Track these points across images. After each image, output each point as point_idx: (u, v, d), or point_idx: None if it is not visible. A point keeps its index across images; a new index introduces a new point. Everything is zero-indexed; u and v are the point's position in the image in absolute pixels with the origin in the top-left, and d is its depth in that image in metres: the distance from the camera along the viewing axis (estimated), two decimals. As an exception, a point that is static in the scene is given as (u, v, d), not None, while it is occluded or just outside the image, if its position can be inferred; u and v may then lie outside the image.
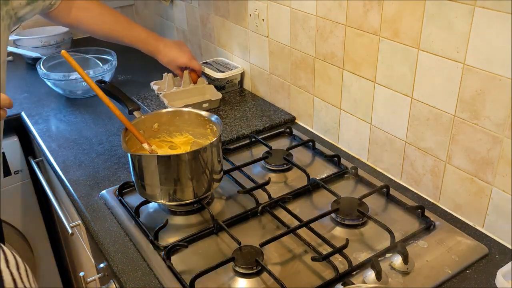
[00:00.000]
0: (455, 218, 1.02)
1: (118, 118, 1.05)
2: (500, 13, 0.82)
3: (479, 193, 0.97)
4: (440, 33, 0.93)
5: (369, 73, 1.12)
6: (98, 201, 1.10)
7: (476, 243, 0.94)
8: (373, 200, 1.06)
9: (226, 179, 1.14)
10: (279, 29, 1.38)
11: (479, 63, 0.88)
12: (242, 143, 1.31)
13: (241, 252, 0.90)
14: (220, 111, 1.48)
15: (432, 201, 1.07)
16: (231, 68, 1.60)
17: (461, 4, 0.88)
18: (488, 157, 0.92)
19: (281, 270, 0.90)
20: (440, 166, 1.03)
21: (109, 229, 1.02)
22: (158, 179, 0.99)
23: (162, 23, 2.09)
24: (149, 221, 1.03)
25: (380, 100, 1.12)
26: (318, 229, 0.96)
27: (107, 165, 1.23)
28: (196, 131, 1.14)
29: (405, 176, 1.13)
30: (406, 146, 1.10)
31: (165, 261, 0.91)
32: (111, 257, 0.95)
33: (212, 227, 0.99)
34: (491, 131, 0.90)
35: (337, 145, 1.31)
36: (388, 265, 0.89)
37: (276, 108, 1.49)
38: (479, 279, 0.87)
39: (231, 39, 1.63)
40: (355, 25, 1.12)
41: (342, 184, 1.15)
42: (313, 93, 1.33)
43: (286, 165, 1.20)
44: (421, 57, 0.99)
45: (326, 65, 1.25)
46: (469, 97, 0.92)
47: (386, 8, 1.03)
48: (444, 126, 0.99)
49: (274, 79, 1.48)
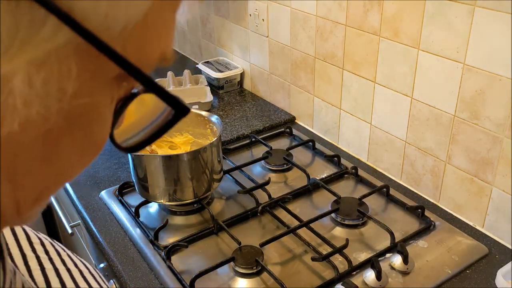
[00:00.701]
0: (455, 218, 1.02)
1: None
2: (500, 13, 0.82)
3: (479, 193, 0.97)
4: (440, 33, 0.93)
5: (369, 73, 1.12)
6: (98, 201, 1.10)
7: (476, 243, 0.94)
8: (373, 200, 1.06)
9: (226, 179, 1.14)
10: (279, 29, 1.38)
11: (479, 63, 0.88)
12: (242, 143, 1.31)
13: (241, 252, 0.90)
14: (220, 111, 1.48)
15: (432, 201, 1.07)
16: (231, 68, 1.60)
17: (461, 4, 0.88)
18: (488, 157, 0.92)
19: (281, 270, 0.90)
20: (440, 166, 1.03)
21: (109, 229, 1.02)
22: (158, 179, 0.99)
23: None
24: (149, 221, 1.03)
25: (380, 100, 1.12)
26: (318, 229, 0.96)
27: (107, 165, 1.23)
28: (196, 131, 1.14)
29: (405, 176, 1.13)
30: (406, 146, 1.10)
31: (165, 261, 0.91)
32: (111, 257, 0.95)
33: (212, 227, 0.99)
34: (491, 131, 0.90)
35: (337, 145, 1.31)
36: (388, 265, 0.89)
37: (276, 108, 1.49)
38: (479, 279, 0.87)
39: (231, 39, 1.63)
40: (355, 25, 1.12)
41: (342, 184, 1.15)
42: (313, 93, 1.33)
43: (286, 165, 1.20)
44: (421, 57, 0.99)
45: (326, 65, 1.25)
46: (469, 97, 0.92)
47: (386, 8, 1.03)
48: (444, 126, 0.99)
49: (274, 79, 1.48)
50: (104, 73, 0.25)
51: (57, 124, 0.24)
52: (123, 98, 0.29)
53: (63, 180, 0.29)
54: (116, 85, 0.27)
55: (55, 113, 0.24)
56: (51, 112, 0.23)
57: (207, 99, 1.47)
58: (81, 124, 0.26)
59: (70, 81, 0.23)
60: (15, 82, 0.21)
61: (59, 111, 0.24)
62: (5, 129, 0.22)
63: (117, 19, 0.23)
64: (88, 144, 0.27)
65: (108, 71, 0.25)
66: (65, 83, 0.23)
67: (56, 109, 0.23)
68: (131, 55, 0.25)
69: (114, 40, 0.24)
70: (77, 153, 0.27)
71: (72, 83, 0.23)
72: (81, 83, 0.24)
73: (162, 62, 0.28)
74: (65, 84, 0.23)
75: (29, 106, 0.22)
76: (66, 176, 0.28)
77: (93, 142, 0.28)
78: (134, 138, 0.31)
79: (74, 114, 0.25)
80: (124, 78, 0.26)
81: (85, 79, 0.24)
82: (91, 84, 0.25)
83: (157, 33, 0.27)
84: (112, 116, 0.29)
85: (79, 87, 0.24)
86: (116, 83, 0.26)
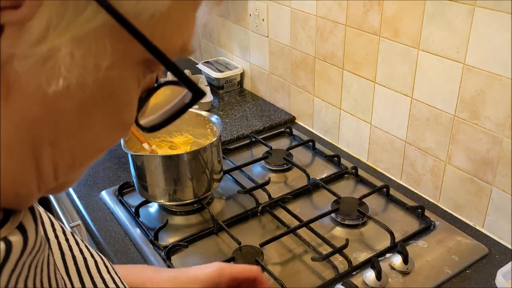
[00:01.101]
0: (455, 218, 1.02)
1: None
2: (500, 13, 0.82)
3: (479, 193, 0.97)
4: (440, 33, 0.93)
5: (369, 73, 1.12)
6: (98, 201, 1.10)
7: (476, 243, 0.94)
8: (373, 200, 1.06)
9: (226, 179, 1.14)
10: (279, 29, 1.38)
11: (479, 63, 0.88)
12: (242, 143, 1.31)
13: (241, 252, 0.90)
14: (220, 111, 1.48)
15: (432, 201, 1.07)
16: (231, 68, 1.60)
17: (461, 4, 0.88)
18: (488, 157, 0.92)
19: (281, 270, 0.90)
20: (440, 166, 1.03)
21: (109, 229, 1.02)
22: (158, 179, 0.99)
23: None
24: (149, 221, 1.03)
25: (380, 100, 1.12)
26: (318, 229, 0.96)
27: (107, 165, 1.23)
28: (196, 131, 1.14)
29: (405, 176, 1.13)
30: (406, 146, 1.10)
31: (165, 261, 0.91)
32: (111, 257, 0.94)
33: (212, 227, 0.99)
34: (491, 131, 0.90)
35: (337, 145, 1.31)
36: (388, 265, 0.89)
37: (276, 108, 1.49)
38: (479, 279, 0.87)
39: (231, 39, 1.63)
40: (355, 25, 1.12)
41: (342, 184, 1.15)
42: (313, 93, 1.33)
43: (286, 165, 1.20)
44: (421, 57, 0.99)
45: (326, 65, 1.25)
46: (469, 97, 0.92)
47: (386, 8, 1.03)
48: (444, 126, 0.99)
49: (274, 79, 1.48)
50: (133, 55, 0.29)
51: (92, 96, 0.29)
52: (148, 89, 0.34)
53: (93, 151, 0.33)
54: (142, 69, 0.31)
55: (91, 84, 0.28)
56: (88, 83, 0.28)
57: (207, 99, 1.47)
58: (112, 100, 0.30)
59: (105, 58, 0.28)
60: (61, 54, 0.26)
61: (94, 82, 0.28)
62: (52, 88, 0.27)
63: (146, 7, 0.28)
64: (116, 120, 0.32)
65: (137, 54, 0.29)
66: (100, 59, 0.28)
67: (91, 80, 0.28)
68: (157, 41, 0.29)
69: (143, 25, 0.28)
70: (107, 127, 0.32)
71: (107, 60, 0.28)
72: (113, 61, 0.28)
73: (183, 52, 0.33)
74: (100, 60, 0.28)
75: (71, 73, 0.27)
76: (96, 147, 0.33)
77: (121, 120, 0.32)
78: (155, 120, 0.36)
79: (106, 89, 0.29)
80: (150, 63, 0.31)
81: (117, 58, 0.28)
82: (122, 64, 0.29)
83: (179, 26, 0.31)
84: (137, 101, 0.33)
85: (112, 64, 0.28)
86: (142, 68, 0.31)
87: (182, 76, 0.31)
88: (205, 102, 1.47)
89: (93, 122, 0.30)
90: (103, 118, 0.31)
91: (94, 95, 0.29)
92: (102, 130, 0.31)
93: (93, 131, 0.31)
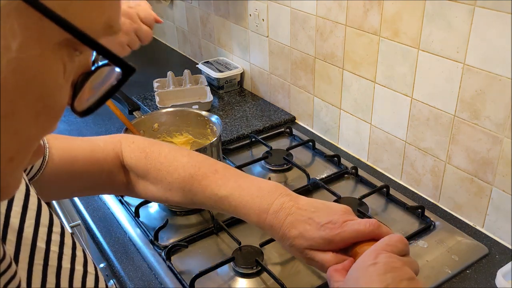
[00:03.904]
0: (455, 218, 1.02)
1: (118, 118, 1.05)
2: (500, 13, 0.82)
3: (479, 193, 0.97)
4: (440, 33, 0.93)
5: (369, 73, 1.12)
6: (98, 201, 1.10)
7: (476, 243, 0.94)
8: (373, 200, 1.06)
9: (226, 179, 1.14)
10: (279, 29, 1.38)
11: (479, 63, 0.88)
12: (242, 143, 1.31)
13: (241, 252, 0.90)
14: (220, 111, 1.48)
15: (432, 201, 1.07)
16: (231, 68, 1.60)
17: (461, 4, 0.88)
18: (488, 157, 0.92)
19: (281, 270, 0.90)
20: (440, 166, 1.03)
21: (109, 229, 1.02)
22: (158, 179, 0.99)
23: (162, 23, 2.09)
24: (149, 221, 1.03)
25: (380, 100, 1.12)
26: (318, 229, 0.96)
27: (107, 165, 1.23)
28: (196, 131, 1.14)
29: (405, 176, 1.13)
30: (406, 146, 1.10)
31: (165, 261, 0.91)
32: (111, 257, 0.95)
33: (212, 227, 0.99)
34: (491, 131, 0.90)
35: (337, 145, 1.31)
36: (388, 265, 0.89)
37: (276, 108, 1.49)
38: (479, 279, 0.87)
39: (231, 39, 1.63)
40: (355, 25, 1.12)
41: (342, 184, 1.15)
42: (313, 93, 1.33)
43: (286, 165, 1.20)
44: (421, 57, 0.99)
45: (326, 65, 1.25)
46: (469, 97, 0.92)
47: (386, 8, 1.03)
48: (444, 126, 0.99)
49: (274, 79, 1.48)
50: (49, 35, 0.27)
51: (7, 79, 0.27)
52: (83, 73, 0.32)
53: (21, 141, 0.31)
54: (66, 51, 0.29)
55: (3, 66, 0.26)
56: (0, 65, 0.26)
57: (207, 99, 1.47)
58: (34, 85, 0.28)
59: (15, 39, 0.26)
60: None
61: (7, 64, 0.26)
62: None
63: None
64: (42, 106, 0.30)
65: (53, 34, 0.27)
66: (9, 40, 0.26)
67: (4, 62, 0.26)
68: (75, 20, 0.27)
69: (54, 3, 0.26)
70: (32, 113, 0.29)
71: (17, 41, 0.26)
72: (25, 41, 0.26)
73: (108, 30, 0.31)
74: (9, 41, 0.26)
75: None
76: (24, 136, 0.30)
77: (47, 106, 0.30)
78: (88, 102, 0.34)
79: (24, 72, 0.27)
80: (73, 44, 0.29)
81: (29, 38, 0.27)
82: (38, 45, 0.27)
83: (98, 2, 0.29)
84: (70, 86, 0.32)
85: (24, 45, 0.26)
86: (66, 50, 0.29)
87: (108, 54, 0.29)
88: (205, 102, 1.47)
89: (16, 109, 0.28)
90: (26, 104, 0.29)
91: (11, 79, 0.27)
92: (27, 117, 0.29)
93: (17, 118, 0.29)
